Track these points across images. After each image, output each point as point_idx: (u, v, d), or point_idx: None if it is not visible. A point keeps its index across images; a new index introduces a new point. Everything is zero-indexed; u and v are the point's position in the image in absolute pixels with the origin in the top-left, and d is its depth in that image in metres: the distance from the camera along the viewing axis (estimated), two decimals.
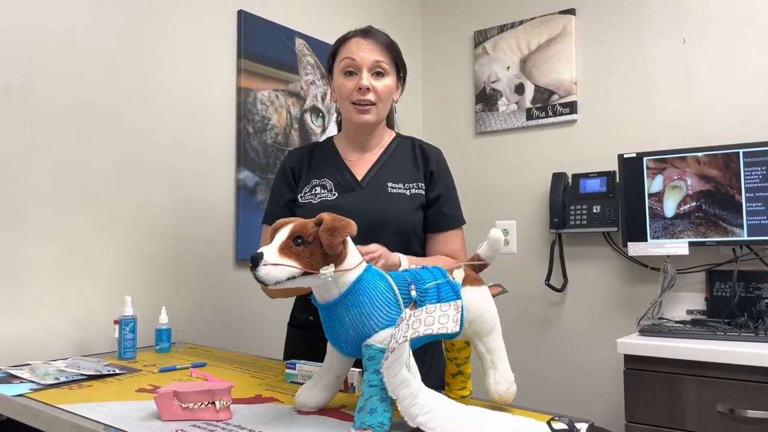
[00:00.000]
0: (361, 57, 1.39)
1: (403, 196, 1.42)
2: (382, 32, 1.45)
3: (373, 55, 1.39)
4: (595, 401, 2.42)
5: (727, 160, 2.05)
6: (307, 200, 1.43)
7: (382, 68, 1.40)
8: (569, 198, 2.44)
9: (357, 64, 1.39)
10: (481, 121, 2.77)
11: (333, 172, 1.45)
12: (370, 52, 1.39)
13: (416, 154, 1.48)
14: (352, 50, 1.40)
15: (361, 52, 1.39)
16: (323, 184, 1.43)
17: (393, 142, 1.51)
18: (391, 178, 1.43)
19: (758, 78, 2.17)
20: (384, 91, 1.41)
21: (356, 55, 1.39)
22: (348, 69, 1.40)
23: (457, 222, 1.47)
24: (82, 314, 1.67)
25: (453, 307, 0.89)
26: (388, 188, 1.41)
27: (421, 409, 0.88)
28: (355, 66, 1.39)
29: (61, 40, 1.65)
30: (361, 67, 1.39)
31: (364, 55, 1.39)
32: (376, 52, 1.40)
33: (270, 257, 0.88)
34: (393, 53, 1.43)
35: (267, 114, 2.18)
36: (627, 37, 2.44)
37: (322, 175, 1.45)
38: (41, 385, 1.24)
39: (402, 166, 1.46)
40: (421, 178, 1.45)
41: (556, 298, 2.55)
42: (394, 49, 1.44)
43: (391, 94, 1.44)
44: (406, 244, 1.40)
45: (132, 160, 1.81)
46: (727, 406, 1.66)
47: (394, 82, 1.45)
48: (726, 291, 2.09)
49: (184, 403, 0.98)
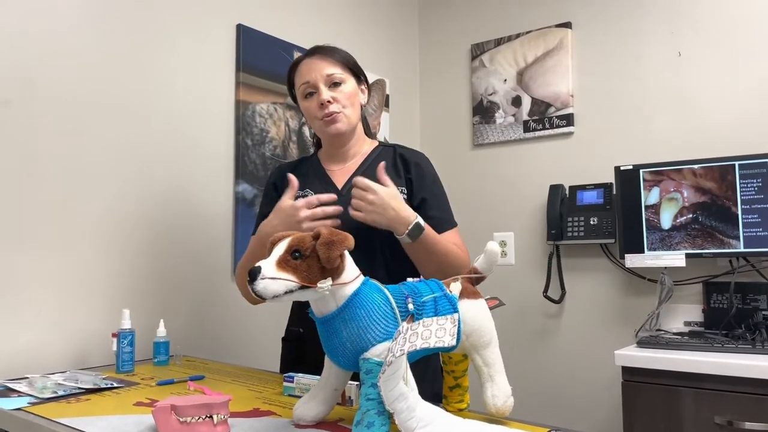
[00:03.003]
0: (313, 76, 1.43)
1: None
2: (331, 46, 1.49)
3: (324, 70, 1.43)
4: (593, 413, 2.42)
5: (723, 172, 2.06)
6: None
7: (337, 79, 1.43)
8: (566, 210, 2.45)
9: (312, 83, 1.43)
10: (478, 133, 2.78)
11: (315, 183, 1.48)
12: (321, 67, 1.43)
13: (396, 161, 1.49)
14: (303, 73, 1.45)
15: (312, 72, 1.43)
16: (305, 194, 1.44)
17: (375, 150, 1.53)
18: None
19: (753, 90, 2.19)
20: (345, 96, 1.44)
21: (309, 76, 1.43)
22: (307, 92, 1.45)
23: (447, 224, 1.45)
24: (79, 327, 1.67)
25: (450, 321, 0.89)
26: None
27: (418, 422, 0.88)
28: (311, 86, 1.43)
29: (59, 53, 1.67)
30: (317, 85, 1.43)
31: (316, 74, 1.43)
32: (326, 67, 1.43)
33: (268, 271, 0.88)
34: (345, 62, 1.46)
35: (265, 127, 2.19)
36: (623, 49, 2.46)
37: (305, 187, 1.47)
38: (39, 398, 1.24)
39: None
40: (403, 184, 1.45)
41: (554, 310, 2.55)
42: (345, 59, 1.47)
43: (354, 98, 1.46)
44: (390, 249, 1.40)
45: (131, 172, 1.81)
46: (726, 419, 1.66)
47: (355, 87, 1.47)
48: (723, 303, 2.10)
49: (181, 416, 0.97)
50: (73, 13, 1.70)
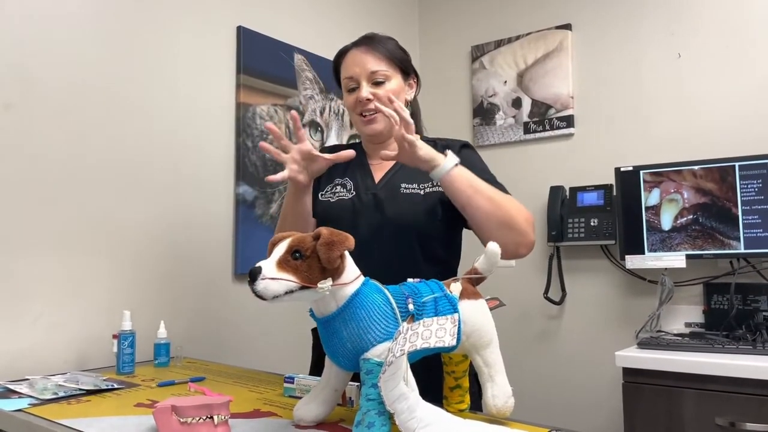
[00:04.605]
0: (357, 72, 1.40)
1: (416, 195, 1.38)
2: (384, 37, 1.45)
3: (369, 67, 1.40)
4: (594, 414, 2.41)
5: (723, 173, 2.06)
6: (326, 198, 1.43)
7: (381, 77, 1.40)
8: (567, 211, 2.45)
9: (355, 79, 1.41)
10: (478, 134, 2.79)
11: (355, 174, 1.46)
12: (366, 63, 1.40)
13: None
14: (348, 67, 1.42)
15: (356, 67, 1.41)
16: (344, 183, 1.43)
17: None
18: (406, 178, 1.41)
19: (753, 91, 2.19)
20: (386, 96, 1.38)
21: (353, 71, 1.41)
22: (350, 87, 1.43)
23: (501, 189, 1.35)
24: (80, 329, 1.67)
25: (450, 321, 0.89)
26: (401, 189, 1.39)
27: (419, 422, 0.88)
28: (354, 81, 1.41)
29: (60, 55, 1.67)
30: (360, 81, 1.40)
31: (361, 69, 1.40)
32: (372, 63, 1.40)
33: (268, 271, 0.88)
34: (393, 59, 1.43)
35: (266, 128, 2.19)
36: (623, 51, 2.46)
37: (345, 175, 1.46)
38: (40, 400, 1.24)
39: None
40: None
41: (555, 311, 2.55)
42: (394, 55, 1.43)
43: (396, 97, 1.40)
44: (421, 244, 1.35)
45: (131, 174, 1.82)
46: (727, 420, 1.66)
47: (400, 85, 1.44)
48: (724, 303, 2.10)
49: (182, 417, 0.97)
50: (74, 16, 1.70)
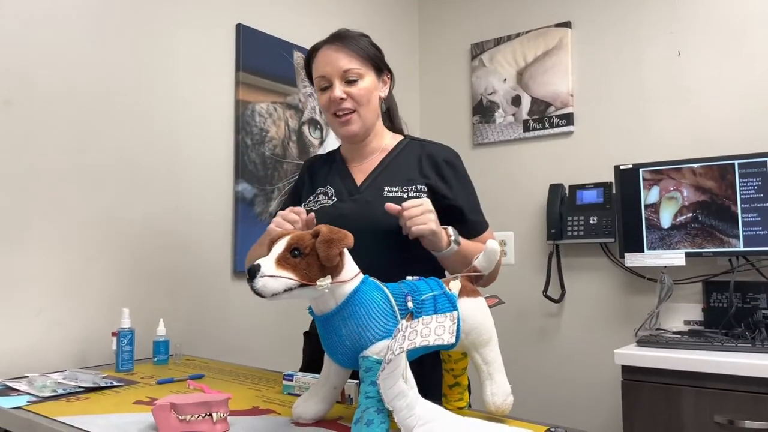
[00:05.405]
0: (329, 71, 1.37)
1: (399, 199, 1.34)
2: (356, 34, 1.42)
3: (341, 65, 1.36)
4: (593, 412, 2.42)
5: (722, 171, 2.06)
6: (308, 208, 1.41)
7: (354, 75, 1.37)
8: (566, 209, 2.45)
9: (328, 78, 1.38)
10: (478, 132, 2.79)
11: (336, 180, 1.44)
12: (338, 61, 1.37)
13: (422, 158, 1.43)
14: (320, 65, 1.39)
15: (328, 66, 1.37)
16: (325, 191, 1.43)
17: (398, 145, 1.47)
18: (389, 181, 1.39)
19: (752, 89, 2.19)
20: (361, 94, 1.37)
21: (324, 70, 1.38)
22: (322, 85, 1.39)
23: (483, 226, 1.44)
24: (79, 326, 1.67)
25: (449, 318, 0.89)
26: (384, 192, 1.37)
27: (417, 420, 0.88)
28: (326, 80, 1.38)
29: (60, 54, 1.67)
30: (332, 80, 1.37)
31: (332, 68, 1.37)
32: (344, 61, 1.37)
33: (267, 269, 0.88)
34: (365, 56, 1.39)
35: (265, 126, 2.19)
36: (622, 49, 2.46)
37: (326, 183, 1.45)
38: (39, 397, 1.24)
39: (404, 169, 1.41)
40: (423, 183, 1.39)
41: (554, 309, 2.55)
42: (366, 53, 1.40)
43: (371, 94, 1.39)
44: (408, 246, 1.33)
45: (131, 172, 1.81)
46: (726, 417, 1.66)
47: (373, 82, 1.40)
48: (723, 301, 2.10)
49: (181, 415, 0.98)
50: (73, 13, 1.70)
